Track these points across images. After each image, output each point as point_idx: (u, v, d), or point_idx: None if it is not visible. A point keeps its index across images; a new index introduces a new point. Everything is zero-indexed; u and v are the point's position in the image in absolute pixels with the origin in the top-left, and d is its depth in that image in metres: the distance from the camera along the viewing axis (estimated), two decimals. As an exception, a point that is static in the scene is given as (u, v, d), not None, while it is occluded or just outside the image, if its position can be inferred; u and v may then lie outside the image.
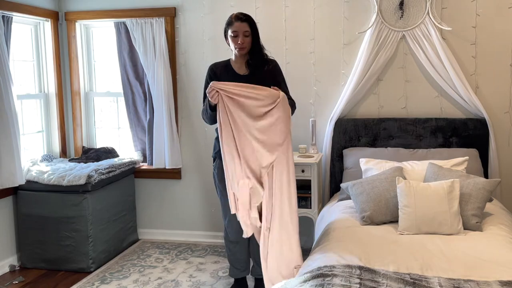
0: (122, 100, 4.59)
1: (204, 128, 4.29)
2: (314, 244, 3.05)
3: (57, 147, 4.55)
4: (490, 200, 3.16)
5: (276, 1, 4.09)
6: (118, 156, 4.50)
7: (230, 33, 3.00)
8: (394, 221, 3.00)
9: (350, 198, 3.31)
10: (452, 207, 2.84)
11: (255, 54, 3.06)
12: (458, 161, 3.41)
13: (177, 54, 4.35)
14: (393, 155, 3.66)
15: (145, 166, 4.56)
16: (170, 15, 4.28)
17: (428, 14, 3.73)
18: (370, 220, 3.02)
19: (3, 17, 3.80)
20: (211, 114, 2.90)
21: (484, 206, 2.98)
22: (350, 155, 3.83)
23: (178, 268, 3.90)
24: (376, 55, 3.85)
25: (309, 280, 2.22)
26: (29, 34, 4.34)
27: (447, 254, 2.51)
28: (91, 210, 3.84)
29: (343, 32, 4.00)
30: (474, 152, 3.67)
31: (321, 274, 2.25)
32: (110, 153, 4.46)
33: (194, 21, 4.29)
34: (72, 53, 4.55)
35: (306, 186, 3.70)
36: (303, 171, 3.68)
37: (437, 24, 3.71)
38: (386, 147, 3.82)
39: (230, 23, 3.01)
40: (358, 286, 2.11)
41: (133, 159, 4.44)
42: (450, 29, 3.73)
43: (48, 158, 4.34)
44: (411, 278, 2.22)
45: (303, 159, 3.70)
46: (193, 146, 4.44)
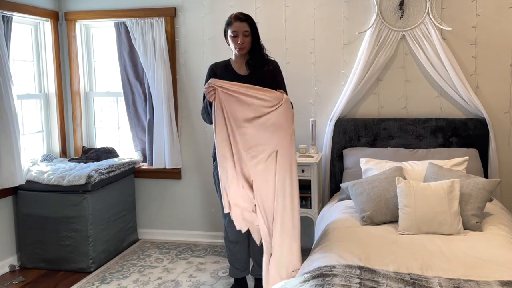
0: (122, 100, 4.59)
1: (204, 128, 4.29)
2: (314, 244, 3.05)
3: (57, 147, 4.55)
4: (490, 200, 3.16)
5: (276, 1, 4.09)
6: (118, 156, 4.50)
7: (230, 33, 3.00)
8: (394, 221, 3.00)
9: (350, 198, 3.31)
10: (452, 207, 2.84)
11: (255, 54, 3.06)
12: (458, 161, 3.41)
13: (177, 54, 4.35)
14: (393, 155, 3.66)
15: (145, 166, 4.56)
16: (170, 15, 4.28)
17: (428, 14, 3.73)
18: (370, 220, 3.02)
19: (3, 17, 3.80)
20: (211, 112, 2.91)
21: (484, 206, 2.98)
22: (350, 155, 3.83)
23: (178, 268, 3.90)
24: (376, 55, 3.85)
25: (309, 280, 2.22)
26: (29, 34, 4.34)
27: (447, 254, 2.51)
28: (91, 210, 3.84)
29: (343, 32, 4.00)
30: (474, 152, 3.67)
31: (321, 274, 2.25)
32: (110, 153, 4.46)
33: (194, 21, 4.29)
34: (72, 53, 4.55)
35: (306, 186, 3.70)
36: (303, 171, 3.68)
37: (437, 24, 3.71)
38: (386, 147, 3.82)
39: (229, 23, 3.01)
40: (358, 286, 2.12)
41: (133, 159, 4.44)
42: (450, 29, 3.73)
43: (48, 158, 4.34)
44: (411, 278, 2.22)
45: (303, 159, 3.70)
46: (193, 146, 4.44)
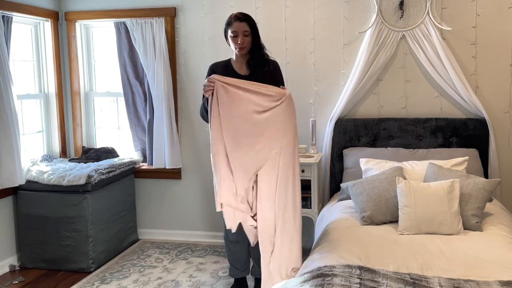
0: (122, 100, 4.59)
1: (204, 128, 4.29)
2: (314, 244, 3.05)
3: (57, 147, 4.55)
4: (490, 200, 3.16)
5: (276, 1, 4.09)
6: (118, 156, 4.50)
7: (230, 33, 3.00)
8: (394, 221, 3.00)
9: (350, 198, 3.31)
10: (452, 207, 2.84)
11: (256, 54, 3.05)
12: (458, 161, 3.41)
13: (177, 54, 4.35)
14: (393, 155, 3.66)
15: (145, 166, 4.56)
16: (170, 15, 4.28)
17: (428, 14, 3.73)
18: (370, 220, 3.02)
19: (3, 17, 3.80)
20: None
21: (484, 206, 2.98)
22: (350, 155, 3.83)
23: (178, 268, 3.90)
24: (376, 55, 3.85)
25: (309, 280, 2.22)
26: (29, 34, 4.34)
27: (447, 254, 2.51)
28: (91, 210, 3.84)
29: (343, 32, 4.00)
30: (474, 152, 3.66)
31: (321, 274, 2.25)
32: (110, 153, 4.46)
33: (194, 21, 4.29)
34: (72, 53, 4.55)
35: (306, 186, 3.70)
36: (303, 171, 3.67)
37: (437, 24, 3.71)
38: (386, 147, 3.82)
39: (229, 23, 3.01)
40: (358, 286, 2.11)
41: (133, 159, 4.44)
42: (450, 29, 3.73)
43: (48, 158, 4.34)
44: (411, 278, 2.22)
45: (303, 159, 3.70)
46: (193, 146, 4.44)
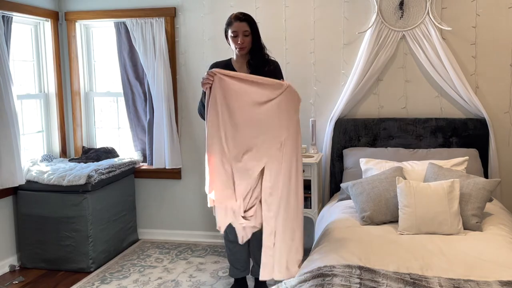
0: (122, 100, 4.59)
1: (204, 127, 4.25)
2: (314, 244, 3.05)
3: (57, 147, 4.55)
4: (490, 200, 3.16)
5: (276, 1, 4.09)
6: (118, 156, 4.50)
7: (230, 33, 3.00)
8: (394, 221, 3.00)
9: (350, 198, 3.31)
10: (452, 207, 2.84)
11: (256, 54, 3.05)
12: (458, 161, 3.41)
13: (177, 54, 4.35)
14: (393, 155, 3.66)
15: (145, 166, 4.56)
16: (170, 15, 4.28)
17: (428, 14, 3.73)
18: (370, 220, 3.02)
19: (3, 17, 3.80)
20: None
21: (484, 206, 2.98)
22: (350, 155, 3.83)
23: (178, 268, 3.90)
24: (376, 55, 3.85)
25: (309, 280, 2.22)
26: (29, 34, 4.34)
27: (447, 254, 2.51)
28: (91, 210, 3.84)
29: (343, 32, 4.00)
30: (474, 152, 3.66)
31: (321, 274, 2.25)
32: (110, 153, 4.46)
33: (194, 21, 4.29)
34: (72, 53, 4.55)
35: (306, 186, 3.69)
36: (303, 171, 3.66)
37: (437, 24, 3.71)
38: (386, 147, 3.82)
39: (229, 23, 3.01)
40: (358, 286, 2.11)
41: (133, 159, 4.44)
42: (450, 29, 3.73)
43: (48, 158, 4.34)
44: (411, 278, 2.22)
45: (303, 159, 3.69)
46: (193, 146, 4.44)
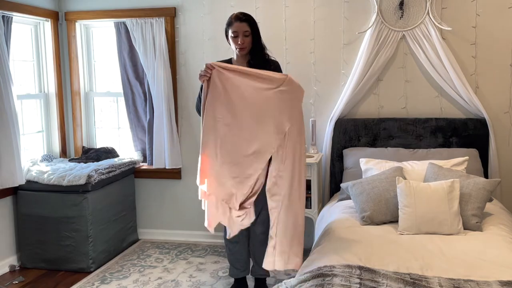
0: (122, 100, 4.59)
1: (204, 128, 4.28)
2: (314, 244, 3.05)
3: (57, 147, 4.55)
4: (490, 200, 3.16)
5: (276, 1, 4.09)
6: (118, 156, 4.50)
7: (230, 33, 3.00)
8: (394, 221, 3.00)
9: (350, 198, 3.31)
10: (452, 207, 2.84)
11: (256, 54, 3.05)
12: (458, 161, 3.41)
13: (177, 54, 4.35)
14: (393, 155, 3.66)
15: (145, 166, 4.56)
16: (170, 15, 4.28)
17: (428, 14, 3.73)
18: (370, 220, 3.02)
19: (3, 17, 3.80)
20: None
21: (484, 206, 2.98)
22: (350, 155, 3.83)
23: (178, 268, 3.90)
24: (376, 55, 3.85)
25: (309, 280, 2.22)
26: (29, 34, 4.34)
27: (447, 254, 2.51)
28: (91, 210, 3.84)
29: (343, 32, 4.00)
30: (474, 152, 3.66)
31: (321, 274, 2.25)
32: (110, 153, 4.46)
33: (194, 21, 4.29)
34: (72, 53, 4.55)
35: (306, 186, 3.68)
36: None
37: (437, 24, 3.71)
38: (386, 147, 3.82)
39: (230, 23, 3.01)
40: (358, 286, 2.11)
41: (133, 159, 4.44)
42: (450, 29, 3.73)
43: (48, 158, 4.34)
44: (411, 278, 2.22)
45: (303, 159, 3.70)
46: (193, 146, 4.43)
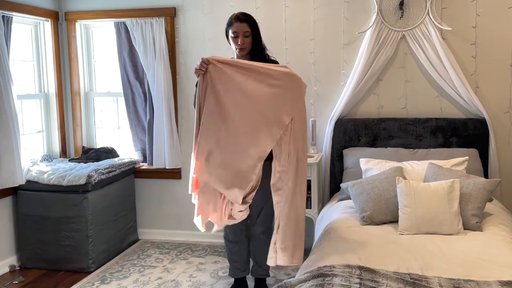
0: (122, 100, 4.59)
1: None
2: (314, 244, 3.05)
3: (57, 147, 4.55)
4: (490, 200, 3.16)
5: (276, 1, 4.09)
6: (118, 156, 4.50)
7: (230, 33, 3.00)
8: (394, 221, 3.00)
9: (350, 198, 3.31)
10: (452, 207, 2.84)
11: (257, 55, 3.04)
12: (458, 161, 3.41)
13: (177, 54, 4.35)
14: (393, 155, 3.66)
15: (145, 166, 4.56)
16: (170, 15, 4.28)
17: (428, 14, 3.73)
18: (370, 220, 3.02)
19: (3, 17, 3.80)
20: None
21: (484, 206, 2.98)
22: (350, 155, 3.83)
23: (178, 268, 3.90)
24: (376, 55, 3.85)
25: (309, 280, 2.22)
26: (29, 34, 4.34)
27: (447, 254, 2.51)
28: (91, 210, 3.84)
29: (343, 32, 4.00)
30: (474, 152, 3.66)
31: (321, 274, 2.25)
32: (110, 153, 4.46)
33: (194, 21, 4.29)
34: (72, 53, 4.55)
35: (306, 185, 3.69)
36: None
37: (437, 24, 3.71)
38: (386, 147, 3.82)
39: (230, 24, 3.01)
40: (358, 286, 2.11)
41: (133, 159, 4.44)
42: (450, 29, 3.73)
43: (48, 158, 4.34)
44: (411, 278, 2.22)
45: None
46: (193, 146, 4.43)
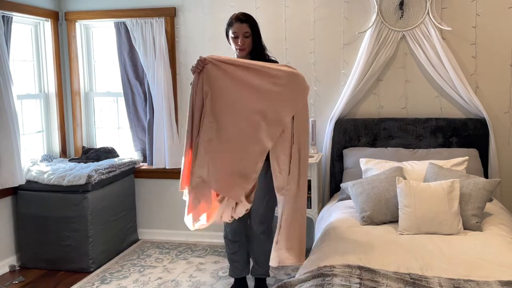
0: (122, 100, 4.59)
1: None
2: (314, 244, 3.05)
3: (57, 147, 4.55)
4: (490, 200, 3.16)
5: (276, 1, 4.09)
6: (118, 156, 4.50)
7: (230, 33, 3.00)
8: (394, 221, 3.00)
9: (350, 198, 3.31)
10: (452, 207, 2.84)
11: (257, 55, 3.04)
12: (458, 161, 3.41)
13: (177, 54, 4.35)
14: (393, 155, 3.66)
15: (145, 166, 4.56)
16: (170, 15, 4.28)
17: (428, 14, 3.73)
18: (370, 220, 3.02)
19: (3, 17, 3.80)
20: None
21: (484, 206, 2.98)
22: (350, 155, 3.83)
23: (178, 268, 3.90)
24: (376, 55, 3.85)
25: (309, 280, 2.22)
26: (29, 34, 4.34)
27: (447, 254, 2.51)
28: (91, 210, 3.84)
29: (343, 32, 4.00)
30: (474, 152, 3.66)
31: (321, 274, 2.25)
32: (110, 153, 4.46)
33: (194, 21, 4.29)
34: (72, 53, 4.55)
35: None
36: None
37: (437, 24, 3.71)
38: (386, 147, 3.82)
39: (230, 24, 3.01)
40: (358, 286, 2.11)
41: (133, 159, 4.44)
42: (450, 29, 3.73)
43: (48, 158, 4.34)
44: (411, 278, 2.22)
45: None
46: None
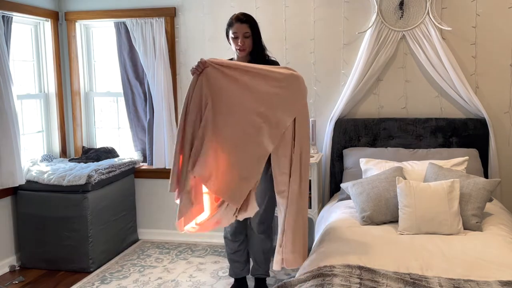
0: (122, 100, 4.59)
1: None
2: (314, 244, 3.05)
3: (57, 147, 4.55)
4: (490, 200, 3.16)
5: (276, 1, 4.09)
6: (118, 156, 4.50)
7: (231, 34, 3.00)
8: (394, 221, 3.00)
9: (350, 198, 3.31)
10: (452, 207, 2.84)
11: (257, 55, 3.04)
12: (458, 161, 3.41)
13: (177, 54, 4.35)
14: (393, 155, 3.66)
15: (145, 166, 4.56)
16: (170, 15, 4.28)
17: (428, 14, 3.73)
18: (370, 220, 3.02)
19: (3, 17, 3.80)
20: None
21: (484, 206, 2.98)
22: (350, 155, 3.83)
23: (178, 268, 3.90)
24: (376, 55, 3.85)
25: (309, 280, 2.22)
26: (29, 34, 4.34)
27: (447, 254, 2.51)
28: (91, 210, 3.84)
29: (343, 32, 4.00)
30: (474, 152, 3.66)
31: (321, 274, 2.25)
32: (110, 153, 4.46)
33: (194, 21, 4.29)
34: (72, 53, 4.55)
35: (306, 186, 3.69)
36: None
37: (437, 24, 3.71)
38: (386, 147, 3.82)
39: (231, 24, 3.01)
40: (358, 286, 2.12)
41: (133, 159, 4.44)
42: (450, 29, 3.73)
43: (48, 158, 4.34)
44: (411, 278, 2.22)
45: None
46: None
